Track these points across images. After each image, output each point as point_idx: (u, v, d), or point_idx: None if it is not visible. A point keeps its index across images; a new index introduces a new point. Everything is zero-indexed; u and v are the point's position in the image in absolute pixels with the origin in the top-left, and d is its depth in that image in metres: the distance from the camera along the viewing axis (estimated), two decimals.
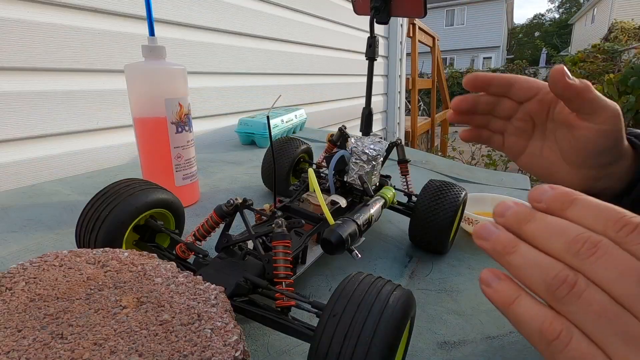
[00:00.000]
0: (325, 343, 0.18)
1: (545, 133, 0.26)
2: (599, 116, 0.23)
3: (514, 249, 0.13)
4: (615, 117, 0.23)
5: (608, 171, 0.24)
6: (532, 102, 0.26)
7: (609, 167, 0.24)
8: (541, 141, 0.26)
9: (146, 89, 0.41)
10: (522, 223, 0.14)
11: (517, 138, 0.27)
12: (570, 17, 14.39)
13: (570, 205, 0.14)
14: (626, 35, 4.85)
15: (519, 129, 0.27)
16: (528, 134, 0.27)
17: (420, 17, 0.38)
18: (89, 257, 0.22)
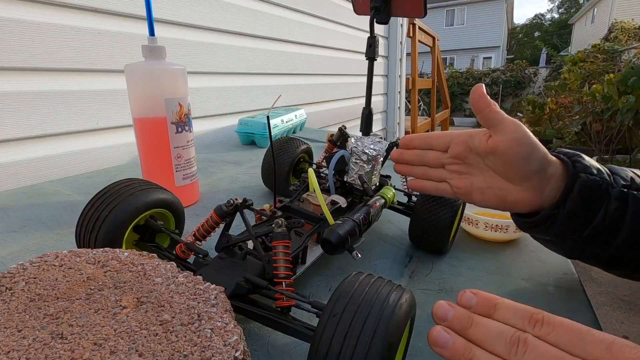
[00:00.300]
0: (325, 343, 0.18)
1: (479, 167, 0.30)
2: (505, 126, 0.27)
3: (470, 354, 0.17)
4: (517, 125, 0.27)
5: (545, 178, 0.27)
6: (452, 147, 0.30)
7: (544, 173, 0.27)
8: (481, 175, 0.30)
9: (146, 89, 0.41)
10: (466, 328, 0.17)
11: (459, 180, 0.31)
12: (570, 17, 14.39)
13: (495, 308, 0.18)
14: (626, 35, 4.85)
15: (455, 172, 0.31)
16: (466, 174, 0.30)
17: (420, 17, 0.38)
18: (89, 257, 0.22)
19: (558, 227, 0.28)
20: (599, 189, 0.27)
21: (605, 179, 0.27)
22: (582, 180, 0.27)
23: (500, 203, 0.29)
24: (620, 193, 0.27)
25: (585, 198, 0.27)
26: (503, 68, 8.29)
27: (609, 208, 0.27)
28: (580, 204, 0.27)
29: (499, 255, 0.40)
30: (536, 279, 0.35)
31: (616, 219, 0.27)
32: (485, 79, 7.97)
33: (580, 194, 0.27)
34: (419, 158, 0.33)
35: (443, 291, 0.33)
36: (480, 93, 0.28)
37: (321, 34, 1.32)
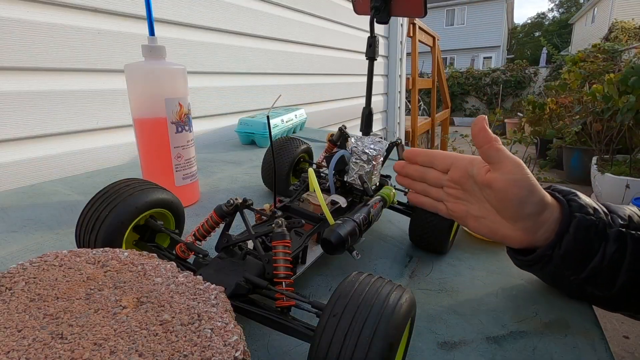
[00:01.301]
0: (325, 343, 0.18)
1: (476, 195, 0.29)
2: (505, 166, 0.26)
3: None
4: (518, 167, 0.26)
5: (539, 222, 0.27)
6: (451, 171, 0.30)
7: (538, 217, 0.27)
8: (477, 204, 0.30)
9: (146, 89, 0.41)
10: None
11: (455, 204, 0.31)
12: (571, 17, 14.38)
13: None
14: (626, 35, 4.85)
15: (452, 195, 0.31)
16: (463, 200, 0.30)
17: (420, 16, 0.38)
18: (89, 257, 0.22)
19: (553, 267, 0.27)
20: (596, 229, 0.26)
21: (601, 219, 0.27)
22: (578, 220, 0.26)
23: (492, 235, 0.29)
24: (618, 233, 0.26)
25: (581, 238, 0.26)
26: (503, 68, 8.28)
27: (607, 249, 0.26)
28: (576, 245, 0.26)
29: (499, 255, 0.40)
30: (536, 279, 0.35)
31: (615, 260, 0.26)
32: (485, 78, 7.97)
33: (575, 234, 0.26)
34: (420, 174, 0.33)
35: (443, 291, 0.33)
36: (481, 127, 0.27)
37: (321, 34, 1.32)
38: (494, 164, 0.27)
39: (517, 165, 0.26)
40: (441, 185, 0.32)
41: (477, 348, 0.26)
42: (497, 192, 0.27)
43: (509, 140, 2.73)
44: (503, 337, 0.27)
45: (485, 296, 0.32)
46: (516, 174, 0.26)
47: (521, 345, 0.27)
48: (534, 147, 3.60)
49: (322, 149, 0.47)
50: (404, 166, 0.34)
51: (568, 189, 0.29)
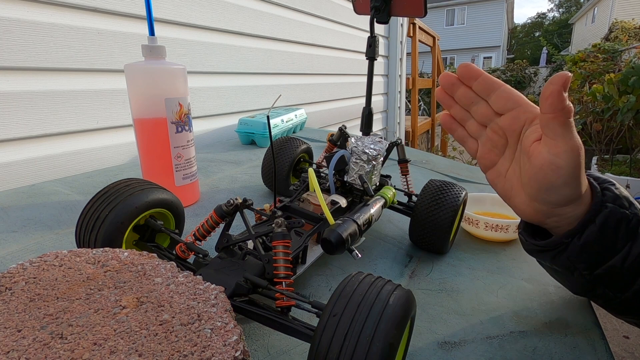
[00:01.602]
0: (325, 343, 0.18)
1: (514, 155, 0.26)
2: (557, 145, 0.22)
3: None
4: (572, 152, 0.22)
5: (559, 212, 0.24)
6: (507, 116, 0.25)
7: (560, 208, 0.24)
8: (509, 162, 0.26)
9: (146, 89, 0.41)
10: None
11: (488, 150, 0.27)
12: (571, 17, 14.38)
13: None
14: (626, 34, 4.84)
15: (491, 140, 0.27)
16: (499, 150, 0.27)
17: (420, 16, 0.38)
18: (89, 257, 0.22)
19: (567, 258, 0.25)
20: (627, 224, 0.23)
21: (636, 214, 0.24)
22: (609, 211, 0.23)
23: (505, 197, 0.27)
24: None
25: (606, 232, 0.23)
26: (503, 68, 8.28)
27: (633, 249, 0.23)
28: (599, 238, 0.23)
29: (500, 255, 0.40)
30: (537, 278, 0.35)
31: (639, 263, 0.23)
32: None
33: (602, 226, 0.23)
34: (468, 101, 0.27)
35: (443, 291, 0.33)
36: (557, 90, 0.21)
37: (321, 34, 1.32)
38: (550, 138, 0.22)
39: (572, 150, 0.22)
40: (486, 123, 0.27)
41: (477, 348, 0.26)
42: (533, 167, 0.23)
43: None
44: (503, 337, 0.27)
45: (485, 296, 0.32)
46: (564, 159, 0.22)
47: (521, 345, 0.27)
48: None
49: (322, 148, 0.47)
50: (454, 84, 0.27)
51: (605, 177, 0.26)
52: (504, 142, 0.26)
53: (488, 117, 0.26)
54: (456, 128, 0.29)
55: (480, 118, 0.27)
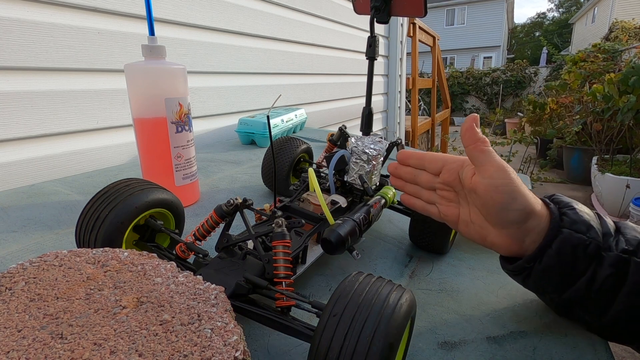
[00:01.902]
0: (325, 343, 0.18)
1: (466, 199, 0.29)
2: (487, 169, 0.26)
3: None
4: (500, 171, 0.25)
5: (524, 229, 0.25)
6: (443, 172, 0.30)
7: (523, 224, 0.25)
8: (466, 207, 0.29)
9: (146, 89, 0.41)
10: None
11: (447, 207, 0.30)
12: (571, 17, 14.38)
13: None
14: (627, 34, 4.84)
15: (445, 198, 0.30)
16: (455, 202, 0.30)
17: (420, 16, 0.38)
18: (89, 257, 0.22)
19: (533, 282, 0.26)
20: (584, 249, 0.24)
21: (594, 239, 0.24)
22: (564, 236, 0.24)
23: (481, 240, 0.28)
24: (617, 258, 0.23)
25: (564, 256, 0.24)
26: (503, 68, 8.27)
27: (599, 272, 0.24)
28: (558, 262, 0.24)
29: None
30: None
31: (609, 287, 0.24)
32: (485, 78, 7.96)
33: (559, 251, 0.24)
34: (412, 177, 0.32)
35: (443, 291, 0.33)
36: (469, 127, 0.27)
37: (321, 34, 1.32)
38: (478, 166, 0.26)
39: (499, 169, 0.25)
40: (433, 187, 0.31)
41: (477, 348, 0.26)
42: (480, 197, 0.26)
43: (508, 140, 2.73)
44: (503, 337, 0.27)
45: (485, 296, 0.32)
46: (497, 179, 0.25)
47: (521, 345, 0.27)
48: (534, 147, 3.59)
49: (322, 148, 0.47)
50: (397, 167, 0.33)
51: (569, 200, 0.27)
52: (454, 194, 0.30)
53: (431, 181, 0.31)
54: (414, 202, 0.33)
55: (426, 184, 0.32)
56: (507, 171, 0.25)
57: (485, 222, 0.27)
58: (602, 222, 0.26)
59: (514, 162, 2.67)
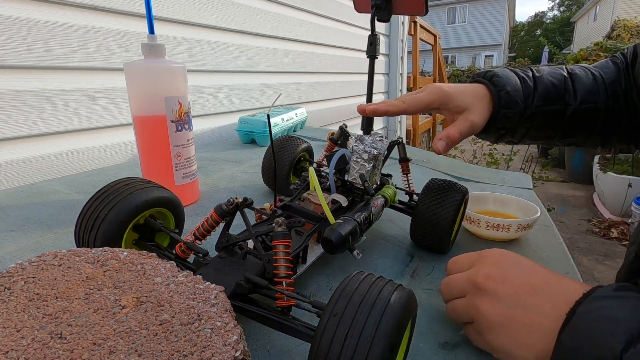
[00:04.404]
0: (325, 343, 0.18)
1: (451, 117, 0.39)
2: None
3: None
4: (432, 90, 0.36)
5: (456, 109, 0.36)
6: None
7: (450, 110, 0.36)
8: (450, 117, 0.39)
9: (146, 88, 0.41)
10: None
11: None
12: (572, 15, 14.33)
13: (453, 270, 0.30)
14: (628, 33, 4.82)
15: None
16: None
17: (421, 15, 0.38)
18: (88, 256, 0.22)
19: (491, 135, 0.39)
20: (512, 117, 0.36)
21: (518, 111, 0.36)
22: (501, 114, 0.36)
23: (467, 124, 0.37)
24: (532, 112, 0.36)
25: (502, 121, 0.37)
26: (505, 66, 8.24)
27: (517, 126, 0.37)
28: (496, 127, 0.37)
29: None
30: None
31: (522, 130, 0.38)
32: None
33: (497, 123, 0.37)
34: None
35: None
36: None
37: (322, 32, 1.31)
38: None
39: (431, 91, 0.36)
40: None
41: (478, 348, 0.26)
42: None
43: None
44: None
45: None
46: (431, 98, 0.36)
47: None
48: (535, 145, 3.58)
49: (323, 147, 0.47)
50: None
51: (505, 83, 0.36)
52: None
53: None
54: None
55: None
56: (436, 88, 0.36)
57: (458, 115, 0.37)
58: (525, 87, 0.37)
59: (515, 161, 2.66)
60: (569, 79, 0.38)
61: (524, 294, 0.23)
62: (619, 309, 0.19)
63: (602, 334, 0.18)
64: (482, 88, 0.36)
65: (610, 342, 0.18)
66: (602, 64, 0.40)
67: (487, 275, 0.25)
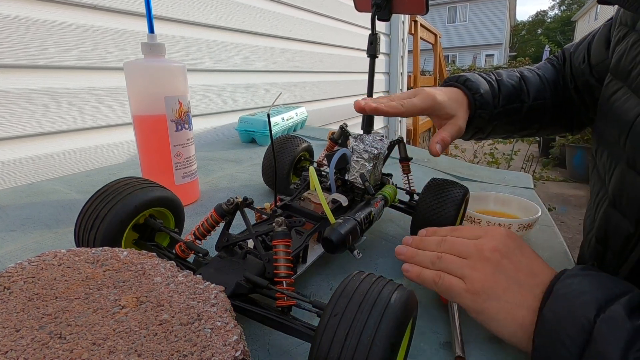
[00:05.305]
0: (326, 343, 0.18)
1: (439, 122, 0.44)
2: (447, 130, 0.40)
3: (415, 253, 0.30)
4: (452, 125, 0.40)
5: (446, 116, 0.40)
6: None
7: (440, 116, 0.40)
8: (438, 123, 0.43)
9: (146, 87, 0.41)
10: (419, 245, 0.32)
11: None
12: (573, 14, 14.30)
13: (429, 236, 0.32)
14: None
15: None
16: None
17: (422, 14, 0.38)
18: (88, 256, 0.22)
19: (471, 132, 0.44)
20: (486, 116, 0.42)
21: (490, 111, 0.42)
22: (477, 114, 0.41)
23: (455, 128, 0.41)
24: (501, 110, 0.42)
25: (478, 121, 0.42)
26: (505, 65, 8.24)
27: (486, 124, 0.43)
28: (473, 124, 0.42)
29: None
30: None
31: (489, 128, 0.44)
32: None
33: (475, 122, 0.42)
34: None
35: None
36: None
37: (322, 31, 1.31)
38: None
39: (454, 125, 0.39)
40: None
41: (478, 348, 0.26)
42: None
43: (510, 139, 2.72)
44: None
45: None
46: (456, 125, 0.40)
47: None
48: (536, 145, 3.58)
49: (323, 147, 0.47)
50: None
51: (477, 87, 0.41)
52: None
53: None
54: None
55: None
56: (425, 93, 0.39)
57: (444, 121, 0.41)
58: (492, 89, 0.42)
59: (516, 160, 2.66)
60: (522, 81, 0.44)
61: (522, 274, 0.26)
62: (587, 284, 0.23)
63: (576, 304, 0.22)
64: (460, 93, 0.41)
65: (584, 310, 0.21)
66: (542, 65, 0.49)
67: (494, 247, 0.27)
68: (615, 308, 0.21)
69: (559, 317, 0.22)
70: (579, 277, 0.24)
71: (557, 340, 0.22)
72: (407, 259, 0.30)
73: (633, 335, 0.19)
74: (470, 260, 0.27)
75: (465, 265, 0.27)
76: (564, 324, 0.22)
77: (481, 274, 0.26)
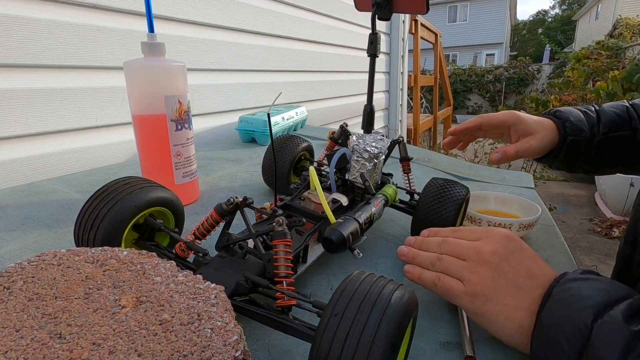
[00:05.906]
0: (326, 343, 0.18)
1: (509, 137, 0.47)
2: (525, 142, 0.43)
3: (417, 254, 0.30)
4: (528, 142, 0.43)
5: (523, 132, 0.43)
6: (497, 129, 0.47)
7: (518, 131, 0.43)
8: (515, 138, 0.46)
9: (145, 86, 0.41)
10: (420, 246, 0.32)
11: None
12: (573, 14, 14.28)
13: (431, 236, 0.32)
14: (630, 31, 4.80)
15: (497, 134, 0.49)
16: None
17: (422, 13, 0.38)
18: (88, 256, 0.22)
19: (558, 162, 0.45)
20: (580, 144, 0.42)
21: (586, 137, 0.42)
22: (569, 142, 0.42)
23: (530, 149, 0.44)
24: (599, 140, 0.42)
25: (570, 149, 0.42)
26: (506, 65, 8.24)
27: (591, 152, 0.43)
28: (566, 153, 0.43)
29: None
30: None
31: (596, 158, 0.43)
32: (488, 75, 7.93)
33: (566, 148, 0.42)
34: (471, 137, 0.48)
35: None
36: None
37: (322, 31, 1.31)
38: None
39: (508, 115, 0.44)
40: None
41: (479, 347, 0.26)
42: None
43: None
44: None
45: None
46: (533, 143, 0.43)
47: None
48: None
49: (323, 147, 0.47)
50: (455, 139, 0.49)
51: (567, 115, 0.43)
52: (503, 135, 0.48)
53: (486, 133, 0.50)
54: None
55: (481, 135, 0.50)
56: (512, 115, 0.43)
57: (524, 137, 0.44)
58: (589, 118, 0.43)
59: (517, 160, 2.66)
60: (631, 108, 0.43)
61: (521, 277, 0.26)
62: (586, 288, 0.23)
63: (575, 308, 0.22)
64: (548, 121, 0.43)
65: (582, 315, 0.21)
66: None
67: (493, 250, 0.27)
68: (613, 313, 0.21)
69: (557, 321, 0.22)
70: (578, 281, 0.24)
71: (556, 345, 0.22)
72: (408, 260, 0.30)
73: (631, 341, 0.19)
74: (469, 262, 0.27)
75: (465, 268, 0.27)
76: (562, 328, 0.22)
77: (480, 277, 0.26)
